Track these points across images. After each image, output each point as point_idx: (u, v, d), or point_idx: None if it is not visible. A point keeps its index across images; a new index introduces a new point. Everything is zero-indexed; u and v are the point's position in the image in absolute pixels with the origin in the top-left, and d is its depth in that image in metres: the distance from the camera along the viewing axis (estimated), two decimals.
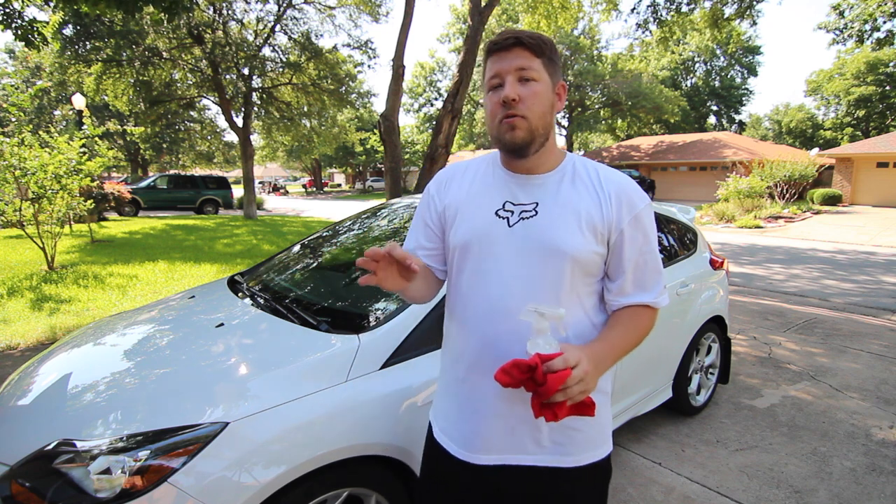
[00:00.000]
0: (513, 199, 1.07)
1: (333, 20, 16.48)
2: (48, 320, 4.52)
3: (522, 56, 0.99)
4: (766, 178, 17.19)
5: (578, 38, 30.14)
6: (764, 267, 8.41)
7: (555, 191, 1.05)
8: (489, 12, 9.22)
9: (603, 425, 1.10)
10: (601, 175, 1.07)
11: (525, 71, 0.99)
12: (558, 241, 1.01)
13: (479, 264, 1.07)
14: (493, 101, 1.01)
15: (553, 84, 1.03)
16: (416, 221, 1.22)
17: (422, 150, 35.50)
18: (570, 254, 1.00)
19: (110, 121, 24.70)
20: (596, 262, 1.04)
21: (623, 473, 2.46)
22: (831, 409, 3.19)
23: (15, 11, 5.61)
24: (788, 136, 42.19)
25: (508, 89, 0.98)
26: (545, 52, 1.01)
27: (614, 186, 1.05)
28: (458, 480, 1.12)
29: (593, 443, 1.08)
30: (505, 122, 0.99)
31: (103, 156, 7.42)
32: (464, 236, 1.09)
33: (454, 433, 1.12)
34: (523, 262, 1.02)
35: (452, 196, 1.14)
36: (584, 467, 1.07)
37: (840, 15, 14.06)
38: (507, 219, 1.05)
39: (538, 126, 1.00)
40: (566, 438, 1.06)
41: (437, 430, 1.17)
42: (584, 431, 1.06)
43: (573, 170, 1.08)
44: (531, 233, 1.03)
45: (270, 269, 2.62)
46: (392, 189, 9.15)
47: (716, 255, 3.27)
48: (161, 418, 1.37)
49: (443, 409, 1.17)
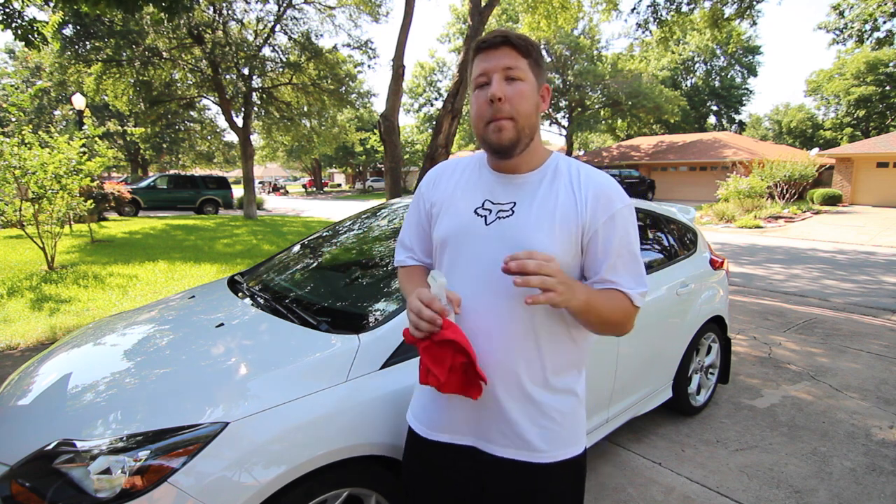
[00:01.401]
0: (492, 199, 1.08)
1: (333, 20, 16.49)
2: (48, 320, 4.53)
3: (510, 55, 1.00)
4: (766, 178, 17.19)
5: (578, 38, 30.12)
6: (764, 267, 8.41)
7: (533, 191, 1.06)
8: (489, 12, 9.22)
9: (574, 424, 1.11)
10: (581, 175, 1.06)
11: (512, 70, 1.00)
12: (530, 241, 1.01)
13: (455, 261, 1.09)
14: (479, 100, 1.02)
15: (538, 86, 1.04)
16: (408, 218, 1.27)
17: (422, 150, 35.49)
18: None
19: (110, 121, 24.72)
20: (570, 263, 1.04)
21: (623, 473, 2.46)
22: (831, 409, 3.19)
23: (15, 11, 5.61)
24: (788, 136, 42.19)
25: (495, 87, 0.98)
26: (532, 54, 1.02)
27: (593, 187, 1.04)
28: (433, 459, 1.16)
29: (564, 440, 1.09)
30: (492, 125, 1.01)
31: (103, 156, 7.42)
32: (443, 232, 1.12)
33: (424, 416, 1.18)
34: (496, 261, 1.02)
35: (440, 193, 1.17)
36: (554, 464, 1.08)
37: (840, 15, 14.06)
38: (484, 217, 1.07)
39: (524, 126, 1.01)
40: (535, 434, 1.07)
41: (411, 417, 1.23)
42: (553, 429, 1.08)
43: (555, 170, 1.08)
44: (505, 232, 1.03)
45: (270, 269, 2.62)
46: (392, 189, 9.15)
47: (716, 255, 3.27)
48: (161, 418, 1.37)
49: (418, 399, 1.23)
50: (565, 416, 1.09)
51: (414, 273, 1.25)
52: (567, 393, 1.10)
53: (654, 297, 2.60)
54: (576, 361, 1.12)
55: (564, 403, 1.09)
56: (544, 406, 1.07)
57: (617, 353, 2.29)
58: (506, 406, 1.06)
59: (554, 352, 1.07)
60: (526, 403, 1.06)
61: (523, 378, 1.05)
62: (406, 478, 1.26)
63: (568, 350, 1.09)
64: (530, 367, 1.05)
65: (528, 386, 1.06)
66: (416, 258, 1.26)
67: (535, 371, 1.06)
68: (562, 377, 1.09)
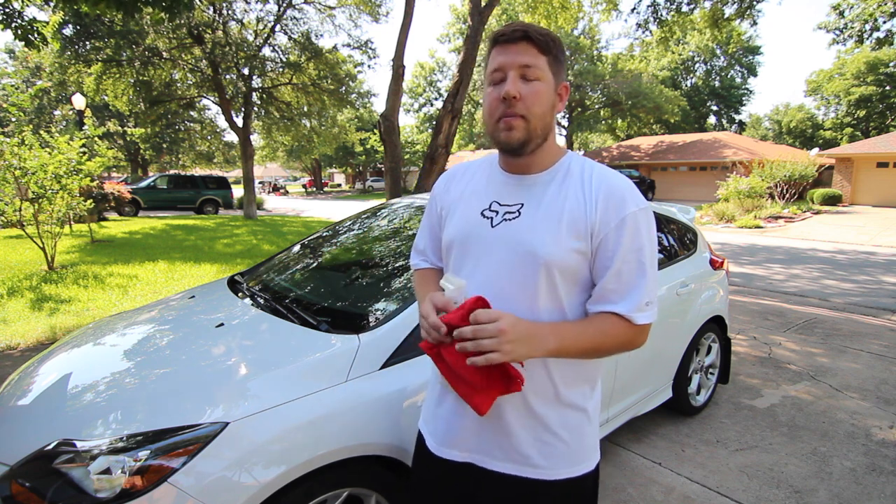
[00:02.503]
0: (500, 200, 1.05)
1: (333, 20, 16.50)
2: (48, 320, 4.52)
3: (528, 52, 0.95)
4: (767, 178, 17.19)
5: (578, 38, 30.14)
6: (764, 267, 8.40)
7: (542, 192, 1.02)
8: (489, 12, 9.23)
9: (580, 442, 1.05)
10: (594, 176, 1.01)
11: (529, 69, 0.94)
12: (533, 244, 0.97)
13: (461, 264, 1.07)
14: (492, 96, 0.97)
15: (556, 84, 0.99)
16: (423, 221, 1.27)
17: (422, 150, 35.49)
18: (545, 259, 0.96)
19: (110, 121, 24.72)
20: (577, 268, 0.99)
21: (623, 473, 2.46)
22: (831, 409, 3.19)
23: (15, 11, 5.60)
24: (788, 136, 42.19)
25: (510, 86, 0.94)
26: (552, 51, 0.96)
27: (604, 188, 0.98)
28: (434, 474, 1.13)
29: (569, 458, 1.03)
30: (502, 122, 0.96)
31: (103, 156, 7.42)
32: (450, 235, 1.10)
33: (430, 426, 1.15)
34: (500, 264, 1.00)
35: (451, 196, 1.15)
36: (558, 482, 1.02)
37: (840, 15, 14.05)
38: (491, 219, 1.04)
39: (536, 127, 0.97)
40: (535, 450, 1.02)
41: (421, 421, 1.21)
42: (556, 445, 1.02)
43: (567, 170, 1.03)
44: (511, 235, 1.00)
45: (270, 269, 2.62)
46: (392, 189, 9.15)
47: (716, 255, 3.27)
48: (161, 418, 1.37)
49: (427, 402, 1.21)
50: (570, 432, 1.03)
51: (427, 276, 1.23)
52: (574, 408, 1.04)
53: None
54: (587, 376, 1.06)
55: (570, 419, 1.03)
56: (547, 419, 1.02)
57: None
58: (507, 418, 1.02)
59: (561, 364, 1.02)
60: (528, 416, 1.02)
61: (527, 389, 1.00)
62: (413, 483, 1.23)
63: (576, 363, 1.04)
64: (534, 377, 1.00)
65: (530, 397, 1.01)
66: (429, 261, 1.25)
67: (540, 382, 1.01)
68: (571, 391, 1.03)
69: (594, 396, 1.09)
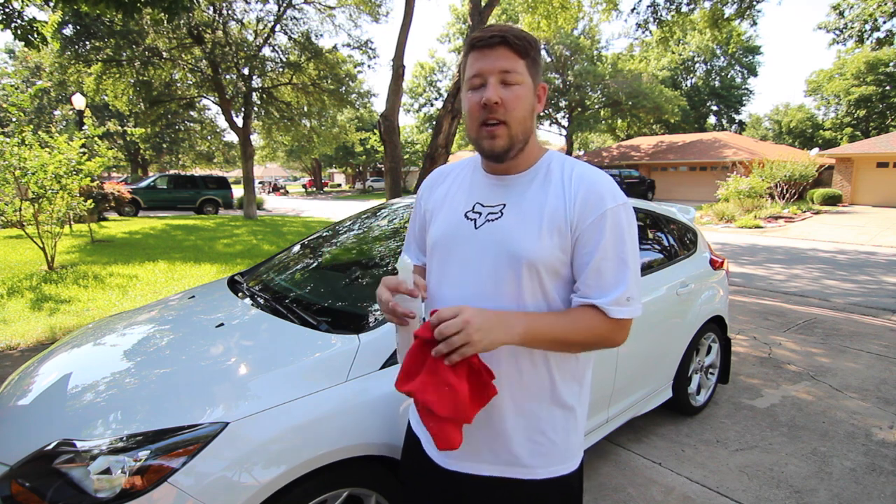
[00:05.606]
0: (483, 201, 1.05)
1: (333, 20, 16.50)
2: (48, 320, 4.52)
3: (507, 57, 0.95)
4: (767, 179, 17.19)
5: (578, 38, 30.12)
6: (764, 267, 8.40)
7: (523, 192, 1.02)
8: (489, 12, 9.22)
9: (568, 440, 1.06)
10: (573, 174, 1.01)
11: (509, 74, 0.95)
12: (515, 244, 0.98)
13: (444, 265, 1.07)
14: (472, 101, 0.98)
15: (535, 86, 1.00)
16: (410, 225, 1.28)
17: (422, 150, 35.50)
18: (527, 258, 0.97)
19: (110, 121, 24.72)
20: (560, 265, 0.99)
21: (623, 473, 2.46)
22: (831, 409, 3.19)
23: (15, 11, 5.60)
24: (788, 136, 42.19)
25: (491, 92, 0.94)
26: (530, 53, 0.97)
27: (584, 186, 0.99)
28: (427, 475, 1.13)
29: (555, 457, 1.04)
30: (485, 130, 0.97)
31: (103, 156, 7.42)
32: (434, 237, 1.11)
33: (423, 430, 1.15)
34: (483, 264, 1.00)
35: (435, 198, 1.16)
36: (545, 481, 1.03)
37: (840, 15, 14.04)
38: (474, 220, 1.04)
39: (518, 132, 0.98)
40: (526, 449, 1.03)
41: (414, 423, 1.21)
42: (545, 444, 1.03)
43: (547, 169, 1.04)
44: (494, 235, 1.01)
45: (270, 269, 2.62)
46: (392, 189, 9.15)
47: (716, 255, 3.27)
48: (161, 418, 1.37)
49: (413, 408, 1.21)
50: (560, 430, 1.04)
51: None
52: (565, 407, 1.05)
53: (654, 297, 2.60)
54: (576, 374, 1.07)
55: (559, 417, 1.04)
56: (540, 418, 1.03)
57: (617, 353, 2.29)
58: (501, 418, 1.02)
59: (561, 361, 1.03)
60: (522, 415, 1.02)
61: (524, 388, 1.01)
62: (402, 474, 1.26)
63: (570, 359, 1.04)
64: (534, 376, 1.01)
65: (527, 397, 1.02)
66: (421, 261, 1.26)
67: (539, 381, 1.02)
68: (564, 389, 1.04)
69: (582, 394, 1.09)
